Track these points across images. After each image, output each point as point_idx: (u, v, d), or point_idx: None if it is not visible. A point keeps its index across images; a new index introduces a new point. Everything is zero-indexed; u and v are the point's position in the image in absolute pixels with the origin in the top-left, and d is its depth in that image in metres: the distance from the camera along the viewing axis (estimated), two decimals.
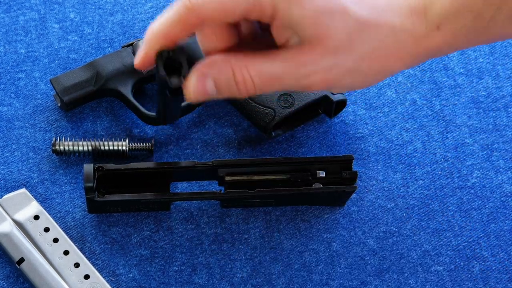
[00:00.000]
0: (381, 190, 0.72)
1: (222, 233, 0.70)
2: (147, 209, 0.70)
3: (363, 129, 0.75)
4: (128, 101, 0.73)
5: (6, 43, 0.78)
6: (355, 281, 0.68)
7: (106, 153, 0.72)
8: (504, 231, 0.70)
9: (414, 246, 0.70)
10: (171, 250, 0.69)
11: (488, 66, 0.79)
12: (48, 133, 0.74)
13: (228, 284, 0.68)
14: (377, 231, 0.70)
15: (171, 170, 0.68)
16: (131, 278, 0.68)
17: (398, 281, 0.68)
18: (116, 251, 0.69)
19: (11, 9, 0.80)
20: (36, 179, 0.72)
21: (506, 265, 0.69)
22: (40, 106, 0.75)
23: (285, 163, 0.68)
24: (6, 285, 0.67)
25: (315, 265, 0.69)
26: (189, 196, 0.68)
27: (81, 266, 0.66)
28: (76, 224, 0.70)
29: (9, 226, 0.67)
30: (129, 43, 0.75)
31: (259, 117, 0.72)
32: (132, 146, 0.72)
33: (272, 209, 0.71)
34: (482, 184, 0.73)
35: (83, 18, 0.80)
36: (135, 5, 0.81)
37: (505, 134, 0.76)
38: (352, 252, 0.69)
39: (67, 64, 0.77)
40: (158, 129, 0.75)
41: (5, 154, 0.73)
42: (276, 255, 0.69)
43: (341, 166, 0.68)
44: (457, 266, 0.69)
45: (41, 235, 0.67)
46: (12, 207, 0.68)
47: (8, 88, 0.76)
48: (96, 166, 0.66)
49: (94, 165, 0.66)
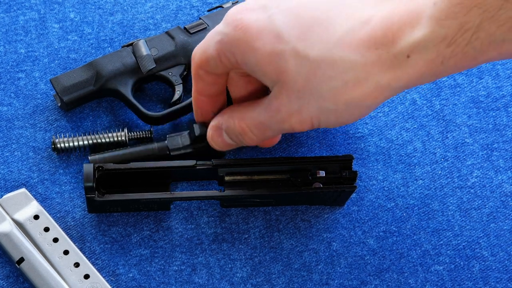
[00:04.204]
0: (381, 190, 0.72)
1: (222, 233, 0.70)
2: (147, 209, 0.70)
3: (363, 129, 0.75)
4: (128, 101, 0.73)
5: (6, 43, 0.78)
6: (355, 281, 0.68)
7: (106, 145, 0.72)
8: (504, 231, 0.70)
9: (414, 246, 0.70)
10: (171, 249, 0.69)
11: (488, 66, 0.79)
12: (48, 133, 0.74)
13: (228, 283, 0.68)
14: (377, 230, 0.70)
15: (171, 170, 0.68)
16: (131, 277, 0.68)
17: (398, 280, 0.68)
18: (116, 251, 0.69)
19: (11, 9, 0.80)
20: (36, 179, 0.72)
21: (506, 264, 0.69)
22: (40, 106, 0.75)
23: (285, 163, 0.68)
24: (6, 284, 0.67)
25: (315, 264, 0.69)
26: (189, 196, 0.68)
27: (81, 266, 0.66)
28: (76, 224, 0.70)
29: (9, 226, 0.67)
30: (129, 43, 0.75)
31: None
32: (131, 135, 0.72)
33: (272, 209, 0.71)
34: (482, 184, 0.73)
35: (83, 18, 0.80)
36: (135, 5, 0.81)
37: (505, 134, 0.76)
38: (352, 251, 0.69)
39: (67, 64, 0.78)
40: (158, 129, 0.75)
41: (5, 154, 0.73)
42: (276, 254, 0.69)
43: (341, 166, 0.68)
44: (457, 265, 0.69)
45: (41, 234, 0.67)
46: (12, 207, 0.68)
47: (8, 88, 0.76)
48: (96, 166, 0.66)
49: (94, 165, 0.66)
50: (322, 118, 0.58)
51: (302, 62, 0.56)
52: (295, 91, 0.57)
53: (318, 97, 0.56)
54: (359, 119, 0.60)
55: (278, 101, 0.58)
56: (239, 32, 0.58)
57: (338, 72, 0.55)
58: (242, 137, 0.63)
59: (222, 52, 0.59)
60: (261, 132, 0.62)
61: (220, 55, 0.60)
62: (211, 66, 0.61)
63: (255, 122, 0.61)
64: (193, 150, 0.70)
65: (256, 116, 0.61)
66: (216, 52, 0.60)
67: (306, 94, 0.57)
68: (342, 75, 0.55)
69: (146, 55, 0.73)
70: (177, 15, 0.81)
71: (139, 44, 0.74)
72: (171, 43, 0.75)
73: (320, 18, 0.56)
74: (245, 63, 0.59)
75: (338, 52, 0.55)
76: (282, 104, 0.58)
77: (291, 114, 0.58)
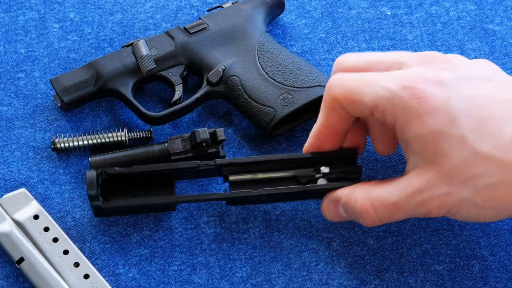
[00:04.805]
0: None
1: (221, 232, 0.70)
2: (153, 211, 0.70)
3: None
4: (128, 101, 0.73)
5: (6, 43, 0.78)
6: (355, 281, 0.68)
7: (106, 145, 0.72)
8: (503, 231, 0.70)
9: (414, 246, 0.70)
10: (171, 249, 0.69)
11: None
12: (48, 132, 0.74)
13: (228, 283, 0.68)
14: (377, 230, 0.70)
15: (173, 172, 0.67)
16: (131, 277, 0.68)
17: (398, 280, 0.68)
18: (116, 251, 0.69)
19: (11, 9, 0.80)
20: (35, 178, 0.72)
21: (505, 264, 0.69)
22: (40, 106, 0.75)
23: (288, 160, 0.67)
24: (6, 284, 0.67)
25: (315, 264, 0.69)
26: (195, 198, 0.68)
27: (81, 266, 0.66)
28: (76, 224, 0.70)
29: (9, 226, 0.67)
30: (129, 43, 0.75)
31: (259, 117, 0.72)
32: (131, 135, 0.72)
33: (272, 209, 0.71)
34: None
35: (83, 18, 0.80)
36: (135, 5, 0.81)
37: None
38: (352, 251, 0.69)
39: (67, 64, 0.78)
40: (158, 129, 0.75)
41: (5, 153, 0.73)
42: (276, 254, 0.69)
43: (345, 161, 0.67)
44: (457, 265, 0.69)
45: (41, 234, 0.67)
46: (11, 207, 0.68)
47: (8, 88, 0.76)
48: (98, 171, 0.65)
49: (97, 171, 0.65)
50: (463, 210, 0.58)
51: (466, 151, 0.56)
52: (448, 176, 0.57)
53: (470, 189, 0.57)
54: (495, 220, 0.60)
55: (424, 183, 0.58)
56: (414, 101, 0.58)
57: (501, 171, 0.56)
58: (361, 216, 0.62)
59: (382, 108, 0.59)
60: (389, 213, 0.60)
61: (378, 108, 0.59)
62: (352, 108, 0.61)
63: (384, 202, 0.60)
64: (193, 155, 0.70)
65: (387, 196, 0.60)
66: (374, 104, 0.59)
67: (459, 183, 0.57)
68: (504, 175, 0.56)
69: (146, 55, 0.73)
70: (177, 15, 0.81)
71: (139, 44, 0.74)
72: (171, 43, 0.75)
73: (495, 115, 0.57)
74: (404, 130, 0.59)
75: (506, 152, 0.56)
76: (428, 186, 0.58)
77: (432, 198, 0.58)
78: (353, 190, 0.63)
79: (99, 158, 0.70)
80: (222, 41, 0.75)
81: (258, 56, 0.74)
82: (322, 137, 0.65)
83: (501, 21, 0.82)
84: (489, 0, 0.83)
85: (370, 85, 0.60)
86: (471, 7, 0.83)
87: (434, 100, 0.58)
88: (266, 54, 0.74)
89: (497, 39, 0.81)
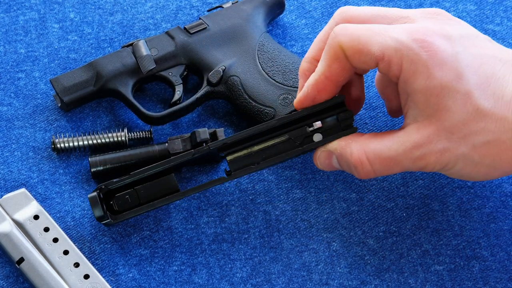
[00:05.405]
0: (381, 190, 0.72)
1: (221, 233, 0.70)
2: None
3: (363, 129, 0.75)
4: (128, 101, 0.73)
5: (6, 43, 0.78)
6: (355, 281, 0.68)
7: (106, 145, 0.72)
8: (504, 231, 0.70)
9: (414, 246, 0.70)
10: (171, 250, 0.69)
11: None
12: (48, 133, 0.74)
13: (228, 283, 0.68)
14: (377, 230, 0.70)
15: (171, 167, 0.67)
16: (131, 277, 0.68)
17: (398, 280, 0.68)
18: (116, 251, 0.69)
19: (11, 9, 0.80)
20: (35, 179, 0.72)
21: (506, 264, 0.69)
22: (40, 106, 0.75)
23: (280, 126, 0.66)
24: (6, 285, 0.67)
25: (315, 264, 0.69)
26: (199, 188, 0.67)
27: (81, 266, 0.66)
28: (76, 224, 0.70)
29: (9, 226, 0.67)
30: (129, 43, 0.75)
31: (259, 117, 0.72)
32: (131, 135, 0.72)
33: (272, 209, 0.71)
34: (482, 183, 0.73)
35: (83, 18, 0.80)
36: (135, 5, 0.81)
37: None
38: (352, 251, 0.69)
39: (67, 64, 0.78)
40: (158, 129, 0.75)
41: (5, 154, 0.73)
42: (276, 254, 0.69)
43: (335, 110, 0.65)
44: (457, 265, 0.69)
45: (41, 235, 0.67)
46: (12, 207, 0.68)
47: (8, 88, 0.76)
48: (98, 190, 0.65)
49: (98, 192, 0.65)
50: (458, 167, 0.58)
51: (468, 108, 0.56)
52: (447, 132, 0.57)
53: (468, 145, 0.57)
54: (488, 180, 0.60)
55: (424, 137, 0.58)
56: (424, 53, 0.57)
57: (499, 129, 0.56)
58: (355, 169, 0.61)
59: (390, 58, 0.58)
60: (385, 167, 0.60)
61: (384, 59, 0.58)
62: (357, 58, 0.60)
63: (381, 156, 0.59)
64: None
65: (384, 150, 0.59)
66: (381, 55, 0.58)
67: (458, 139, 0.57)
68: (501, 134, 0.56)
69: (146, 55, 0.73)
70: (177, 15, 0.81)
71: (139, 44, 0.74)
72: (171, 43, 0.75)
73: (497, 74, 0.57)
74: (409, 82, 0.58)
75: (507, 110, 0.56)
76: (428, 140, 0.58)
77: (431, 153, 0.58)
78: (349, 142, 0.62)
79: (99, 158, 0.70)
80: (222, 41, 0.75)
81: (258, 56, 0.74)
82: (320, 87, 0.63)
83: (501, 21, 0.82)
84: (489, 1, 0.83)
85: (378, 35, 0.59)
86: (471, 7, 0.83)
87: (443, 54, 0.57)
88: (266, 54, 0.74)
89: (497, 39, 0.81)
